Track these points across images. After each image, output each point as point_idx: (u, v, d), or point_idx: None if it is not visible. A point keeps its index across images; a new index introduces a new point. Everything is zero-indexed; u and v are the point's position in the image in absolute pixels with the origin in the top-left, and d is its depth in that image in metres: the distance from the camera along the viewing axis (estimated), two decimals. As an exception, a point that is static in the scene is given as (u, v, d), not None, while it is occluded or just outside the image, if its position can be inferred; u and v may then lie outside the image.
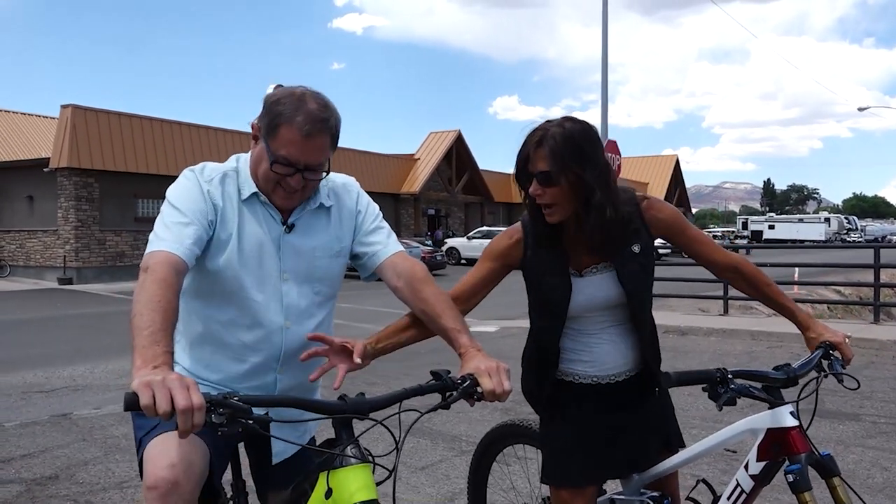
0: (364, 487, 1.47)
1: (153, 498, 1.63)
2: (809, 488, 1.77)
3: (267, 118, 1.79)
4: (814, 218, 64.61)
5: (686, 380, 1.84)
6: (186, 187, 1.84)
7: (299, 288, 1.92)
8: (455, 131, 37.55)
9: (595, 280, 2.02)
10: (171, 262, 1.64)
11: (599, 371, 2.08)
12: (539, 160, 1.89)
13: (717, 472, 4.18)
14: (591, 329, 2.07)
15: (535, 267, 2.06)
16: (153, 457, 1.67)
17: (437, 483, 4.24)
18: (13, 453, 4.86)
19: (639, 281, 2.03)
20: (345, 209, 2.02)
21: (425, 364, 8.15)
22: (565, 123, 1.90)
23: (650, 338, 2.11)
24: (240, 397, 1.39)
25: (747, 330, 10.04)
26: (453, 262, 29.55)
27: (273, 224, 1.90)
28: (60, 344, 10.04)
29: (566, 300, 2.01)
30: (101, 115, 22.45)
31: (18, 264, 23.53)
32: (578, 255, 2.02)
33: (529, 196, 1.96)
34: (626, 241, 2.00)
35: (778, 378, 1.90)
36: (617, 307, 2.05)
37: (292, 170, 1.79)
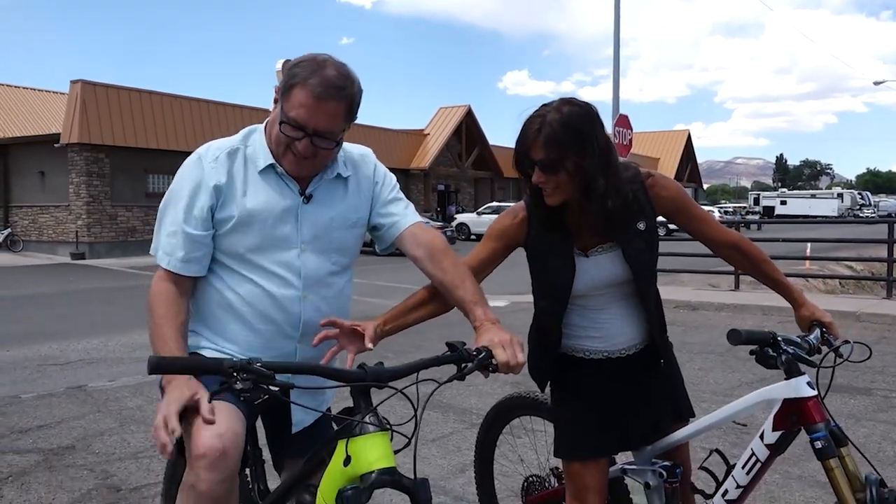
0: (383, 455, 1.48)
1: (202, 466, 1.65)
2: (835, 455, 1.81)
3: (284, 79, 1.80)
4: (826, 193, 64.06)
5: (750, 339, 1.89)
6: (187, 183, 1.88)
7: (317, 258, 1.93)
8: (465, 106, 37.34)
9: (601, 260, 2.02)
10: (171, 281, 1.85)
11: (609, 346, 2.09)
12: (538, 148, 1.86)
13: (727, 445, 4.20)
14: (598, 305, 2.08)
15: (538, 248, 2.06)
16: (198, 426, 1.69)
17: (447, 455, 4.28)
18: (30, 424, 4.94)
19: (644, 258, 2.02)
20: (362, 180, 2.02)
21: (437, 338, 8.15)
22: (563, 108, 1.86)
23: (656, 311, 2.12)
24: (262, 363, 1.41)
25: (758, 305, 10.01)
26: (463, 238, 29.56)
27: (290, 194, 1.91)
28: (74, 318, 10.14)
29: (569, 283, 2.01)
30: (111, 90, 22.44)
31: (31, 239, 23.71)
32: (583, 235, 2.02)
33: (530, 180, 1.94)
34: (631, 220, 1.98)
35: (804, 346, 1.94)
36: (623, 283, 2.05)
37: (301, 133, 1.78)
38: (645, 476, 2.14)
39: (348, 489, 1.46)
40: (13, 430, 4.81)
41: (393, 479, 1.47)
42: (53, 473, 3.99)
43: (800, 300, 2.14)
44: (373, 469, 1.46)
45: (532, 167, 1.89)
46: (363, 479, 1.47)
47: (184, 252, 1.85)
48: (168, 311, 1.81)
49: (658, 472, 2.11)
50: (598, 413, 2.10)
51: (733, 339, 1.88)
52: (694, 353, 7.03)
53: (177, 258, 1.85)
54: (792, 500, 3.60)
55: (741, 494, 1.99)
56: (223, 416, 1.71)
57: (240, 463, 1.74)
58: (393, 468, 1.48)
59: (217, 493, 1.67)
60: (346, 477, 1.50)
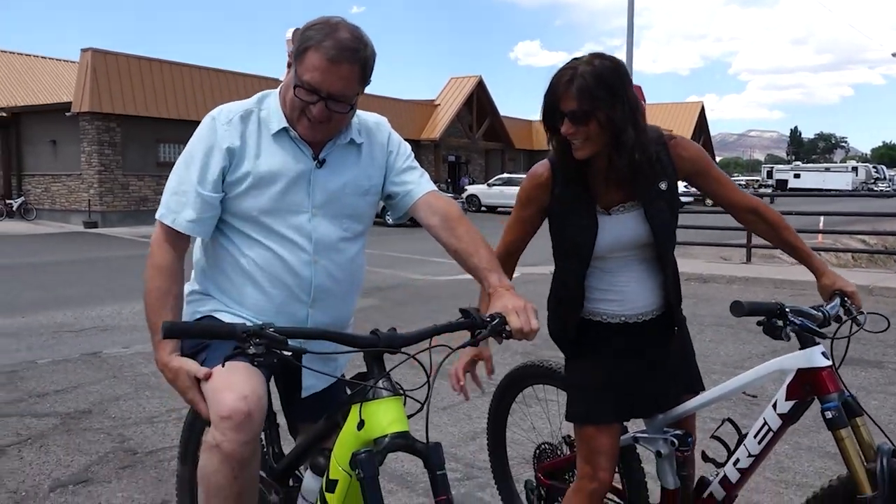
0: (396, 420, 1.50)
1: (227, 427, 1.68)
2: (846, 425, 1.81)
3: (297, 43, 1.78)
4: (841, 167, 63.39)
5: (755, 310, 1.88)
6: (199, 144, 1.89)
7: (328, 223, 1.93)
8: (476, 77, 37.01)
9: (622, 218, 2.03)
10: (174, 248, 1.88)
11: (627, 310, 2.10)
12: (569, 99, 1.88)
13: (737, 416, 4.20)
14: (617, 268, 2.08)
15: (561, 206, 2.06)
16: (222, 388, 1.71)
17: (458, 423, 4.32)
18: (47, 388, 5.02)
19: (665, 218, 2.03)
20: (376, 147, 2.02)
21: (447, 308, 8.24)
22: (594, 61, 1.89)
23: (673, 278, 2.13)
24: (276, 328, 1.42)
25: (770, 278, 9.97)
26: (473, 210, 29.49)
27: (304, 158, 1.90)
28: (88, 286, 10.23)
29: (592, 241, 2.01)
30: (122, 58, 22.37)
31: (44, 208, 23.85)
32: (606, 193, 2.03)
33: (557, 134, 1.96)
34: (654, 180, 2.00)
35: (815, 316, 1.93)
36: (643, 246, 2.06)
37: (315, 97, 1.78)
38: (656, 444, 2.16)
39: (362, 452, 1.47)
40: (31, 394, 4.89)
41: (406, 443, 1.49)
42: (71, 436, 4.07)
43: (821, 269, 2.12)
44: (386, 433, 1.48)
45: (561, 119, 1.91)
46: (376, 442, 1.49)
47: (195, 213, 1.86)
48: (164, 285, 1.86)
49: (670, 441, 2.13)
50: (612, 378, 2.11)
51: (736, 311, 1.87)
52: (705, 325, 7.03)
53: (185, 218, 1.85)
54: (801, 471, 3.62)
55: (752, 463, 2.00)
56: (246, 378, 1.73)
57: (263, 425, 1.77)
58: (406, 432, 1.50)
59: (241, 454, 1.70)
60: (360, 440, 1.52)
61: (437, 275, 10.91)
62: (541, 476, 2.63)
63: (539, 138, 43.23)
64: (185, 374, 1.78)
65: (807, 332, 1.90)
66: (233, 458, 1.70)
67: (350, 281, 2.02)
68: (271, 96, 1.95)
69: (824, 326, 1.95)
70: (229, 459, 1.70)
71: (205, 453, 1.76)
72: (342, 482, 1.57)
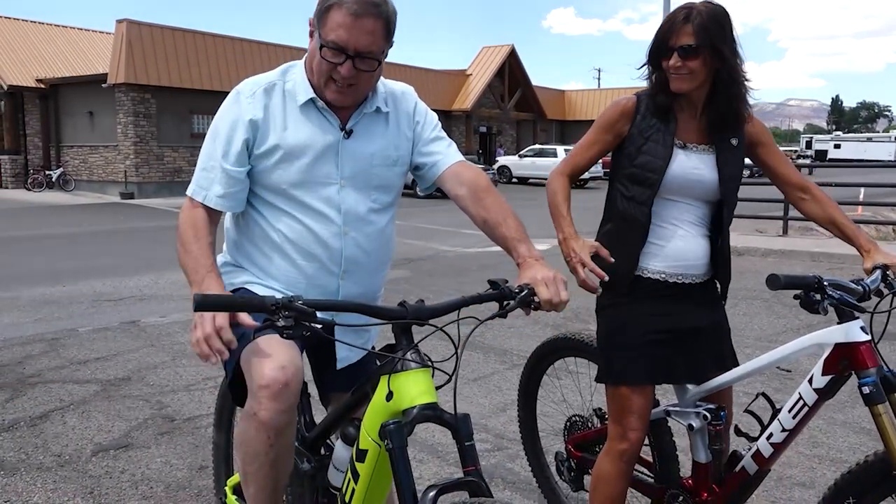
0: (425, 391, 1.51)
1: (266, 396, 1.71)
2: (884, 401, 1.80)
3: (318, 5, 1.78)
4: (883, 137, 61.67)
5: (791, 284, 1.87)
6: (225, 118, 1.90)
7: (357, 194, 1.93)
8: (508, 46, 36.54)
9: (696, 156, 2.10)
10: (200, 217, 1.87)
11: (667, 265, 2.10)
12: (684, 34, 1.99)
13: (770, 391, 4.18)
14: (669, 216, 2.11)
15: (641, 132, 2.11)
16: (259, 359, 1.74)
17: (489, 394, 4.35)
18: (88, 356, 5.16)
19: (732, 169, 2.11)
20: (402, 116, 2.01)
21: (476, 281, 8.25)
22: (708, 4, 2.02)
23: (723, 248, 2.15)
24: (304, 301, 1.43)
25: (807, 251, 9.80)
26: (504, 181, 29.34)
27: (331, 129, 1.90)
28: (126, 256, 10.44)
29: (665, 166, 2.06)
30: (156, 30, 22.51)
31: (82, 179, 24.27)
32: (686, 130, 2.12)
33: (658, 70, 2.07)
34: (730, 130, 2.11)
35: (855, 290, 1.91)
36: (703, 200, 2.11)
37: (342, 56, 1.76)
38: (689, 418, 2.15)
39: (391, 423, 1.49)
40: (73, 361, 5.03)
41: (434, 414, 1.50)
42: (111, 403, 4.18)
43: (866, 247, 2.11)
44: (415, 404, 1.49)
45: (669, 54, 2.01)
46: (405, 413, 1.50)
47: (222, 188, 1.87)
48: (198, 233, 1.85)
49: (702, 415, 2.12)
50: (648, 339, 2.11)
51: (772, 284, 1.85)
52: (739, 298, 6.95)
53: (214, 193, 1.87)
54: (835, 446, 3.58)
55: (786, 438, 1.99)
56: (284, 348, 1.75)
57: (299, 395, 1.80)
58: (434, 403, 1.50)
59: (278, 423, 1.73)
60: (389, 411, 1.53)
61: (467, 246, 10.91)
62: (571, 448, 2.65)
63: (572, 108, 42.73)
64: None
65: (845, 305, 1.87)
66: (269, 426, 1.73)
67: (380, 252, 2.02)
68: (296, 67, 1.94)
69: (864, 300, 1.92)
70: (266, 427, 1.73)
71: (243, 421, 1.79)
72: (372, 452, 1.60)
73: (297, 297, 1.44)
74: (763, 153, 2.21)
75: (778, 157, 2.23)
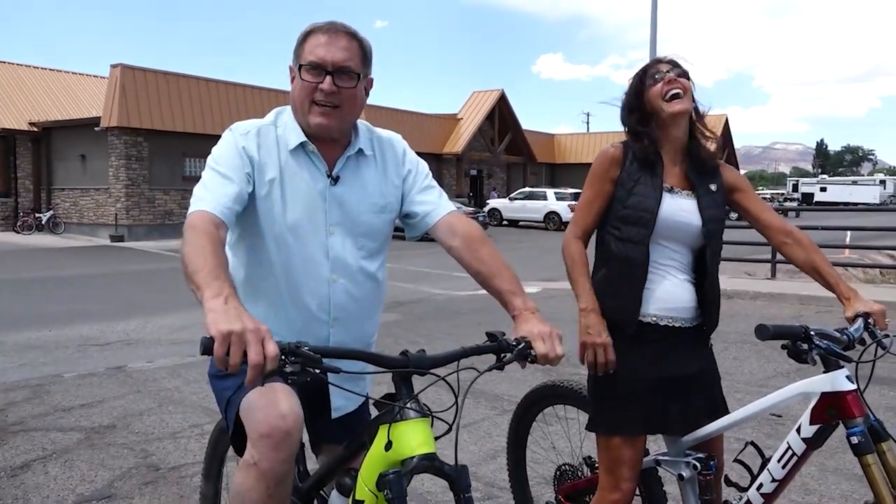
0: (424, 441, 1.50)
1: (266, 446, 1.69)
2: (873, 451, 1.79)
3: (296, 44, 1.88)
4: (868, 180, 62.50)
5: (779, 334, 1.88)
6: (223, 147, 1.89)
7: (344, 241, 1.93)
8: (498, 91, 37.08)
9: (681, 200, 2.15)
10: (209, 219, 1.69)
11: (658, 308, 2.11)
12: (666, 65, 2.16)
13: (761, 437, 4.16)
14: (656, 261, 2.13)
15: (630, 176, 2.16)
16: (262, 407, 1.72)
17: (479, 441, 4.30)
18: (73, 403, 5.08)
19: (714, 213, 2.15)
20: (390, 163, 2.02)
21: (467, 324, 8.23)
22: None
23: (712, 295, 2.16)
24: (311, 347, 1.42)
25: (795, 294, 9.84)
26: (495, 224, 29.47)
27: (319, 176, 1.91)
28: (114, 299, 10.36)
29: (656, 206, 2.10)
30: (150, 74, 22.75)
31: (73, 221, 24.23)
32: (670, 175, 2.17)
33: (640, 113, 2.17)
34: (707, 176, 2.19)
35: (840, 339, 1.91)
36: (686, 245, 2.14)
37: (321, 73, 1.82)
38: (678, 468, 2.14)
39: (389, 473, 1.48)
40: (56, 408, 4.95)
41: (433, 465, 1.49)
42: (95, 451, 4.11)
43: (846, 294, 2.11)
44: (414, 454, 1.49)
45: (662, 77, 2.13)
46: (404, 464, 1.49)
47: (228, 200, 1.78)
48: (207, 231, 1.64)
49: (692, 465, 2.10)
50: (640, 388, 2.10)
51: (761, 335, 1.86)
52: (729, 342, 6.95)
53: (221, 202, 1.76)
54: (827, 493, 3.55)
55: (776, 488, 1.98)
56: (285, 396, 1.74)
57: (300, 444, 1.77)
58: (433, 454, 1.50)
59: (278, 473, 1.71)
60: (388, 461, 1.53)
61: (457, 289, 10.90)
62: (561, 498, 2.61)
63: (561, 151, 43.21)
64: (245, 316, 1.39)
65: (832, 355, 1.88)
66: (269, 476, 1.71)
67: (370, 299, 2.01)
68: (285, 112, 1.97)
69: (849, 349, 1.93)
70: (266, 477, 1.71)
71: (241, 471, 1.77)
72: (368, 502, 1.58)
73: (303, 343, 1.43)
74: (742, 199, 2.26)
75: (757, 203, 2.27)
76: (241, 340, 1.30)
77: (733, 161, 57.21)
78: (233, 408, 1.84)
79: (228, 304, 1.37)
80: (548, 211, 28.55)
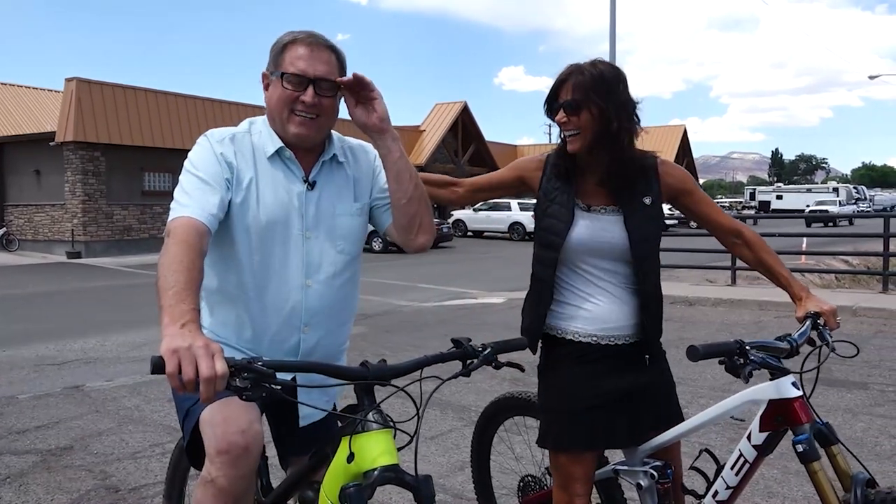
0: (386, 452, 1.49)
1: (224, 462, 1.66)
2: (818, 458, 1.79)
3: (273, 52, 1.88)
4: (822, 188, 64.10)
5: (710, 353, 1.84)
6: (200, 153, 1.87)
7: (321, 246, 1.94)
8: (461, 103, 37.28)
9: (601, 218, 2.07)
10: (193, 226, 1.67)
11: (597, 328, 2.08)
12: (566, 91, 2.02)
13: (724, 441, 4.21)
14: (591, 278, 2.09)
15: (546, 194, 2.14)
16: (220, 422, 1.69)
17: (446, 452, 4.28)
18: (28, 425, 4.93)
19: (646, 233, 2.06)
20: (361, 169, 2.05)
21: (434, 336, 8.21)
22: (597, 63, 2.04)
23: (654, 307, 2.12)
24: (264, 362, 1.39)
25: (755, 300, 10.03)
26: (460, 234, 29.54)
27: (295, 181, 1.92)
28: (71, 317, 10.12)
29: (565, 231, 2.06)
30: (106, 88, 22.35)
31: (27, 238, 23.63)
32: (591, 193, 2.10)
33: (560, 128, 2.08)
34: (639, 190, 2.07)
35: (781, 348, 1.90)
36: (619, 260, 2.07)
37: (304, 83, 1.84)
38: (636, 477, 2.13)
39: (350, 486, 1.46)
40: (11, 430, 4.80)
41: (396, 476, 1.48)
42: (52, 474, 3.99)
43: (798, 294, 2.11)
44: (376, 466, 1.47)
45: (558, 110, 2.04)
46: (366, 475, 1.47)
47: (213, 207, 1.75)
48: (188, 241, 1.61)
49: (650, 473, 2.10)
50: (585, 403, 2.07)
51: (692, 356, 1.83)
52: (691, 348, 7.03)
53: (208, 212, 1.74)
54: (790, 496, 3.61)
55: (731, 495, 1.99)
56: (243, 411, 1.71)
57: (259, 459, 1.75)
58: (396, 465, 1.48)
59: (237, 490, 1.69)
60: (350, 474, 1.51)
61: (423, 301, 10.88)
62: (526, 508, 2.60)
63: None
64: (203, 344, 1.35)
65: (767, 368, 1.87)
66: (228, 493, 1.68)
67: (343, 304, 2.02)
68: (258, 122, 1.97)
69: (793, 356, 1.92)
70: (224, 494, 1.68)
71: (199, 487, 1.74)
72: None
73: (256, 358, 1.40)
74: (689, 202, 2.16)
75: (705, 204, 2.18)
76: (190, 355, 1.29)
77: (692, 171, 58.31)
78: (191, 419, 1.81)
79: (184, 328, 1.35)
80: (512, 221, 28.71)
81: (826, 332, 2.00)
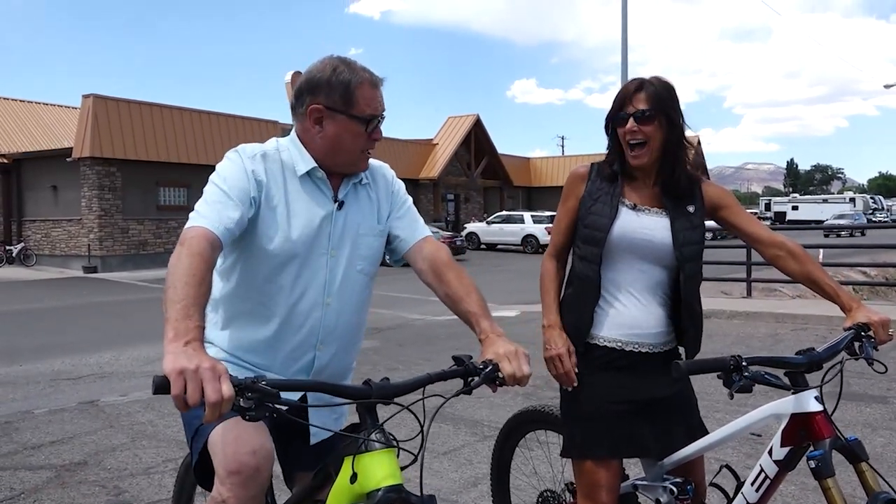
0: (390, 473, 1.47)
1: (235, 483, 1.65)
2: (832, 474, 1.74)
3: (337, 92, 1.85)
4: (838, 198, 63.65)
5: (697, 369, 1.81)
6: (230, 167, 1.86)
7: (343, 265, 1.95)
8: (473, 116, 37.35)
9: (646, 217, 2.10)
10: (207, 237, 1.66)
11: (622, 334, 2.08)
12: (639, 101, 2.06)
13: (741, 457, 4.15)
14: (624, 283, 2.10)
15: (590, 194, 2.15)
16: (230, 442, 1.68)
17: (460, 468, 4.25)
18: (43, 440, 4.95)
19: (688, 235, 2.09)
20: (381, 190, 2.07)
21: (445, 349, 8.17)
22: (660, 78, 2.11)
23: (688, 320, 2.12)
24: (267, 381, 1.38)
25: (771, 313, 9.93)
26: (473, 247, 29.50)
27: (325, 201, 1.93)
28: (86, 332, 10.18)
29: (609, 224, 2.07)
30: (122, 104, 22.61)
31: (44, 253, 23.86)
32: (638, 194, 2.13)
33: (615, 138, 2.12)
34: (684, 199, 2.12)
35: (800, 363, 1.86)
36: (657, 266, 2.08)
37: (375, 123, 1.90)
38: (656, 492, 2.11)
39: None
40: (26, 445, 4.82)
41: (400, 497, 1.45)
42: (66, 490, 3.99)
43: (848, 305, 2.04)
44: (379, 487, 1.45)
45: (626, 119, 2.06)
46: (369, 496, 1.45)
47: (229, 219, 1.74)
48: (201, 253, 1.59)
49: (669, 489, 2.08)
50: (611, 411, 2.07)
51: (676, 372, 1.80)
52: (707, 361, 6.96)
53: (225, 226, 1.73)
54: (809, 513, 3.54)
55: None
56: (254, 432, 1.71)
57: (270, 480, 1.74)
58: (400, 485, 1.46)
59: None
60: (353, 494, 1.49)
61: (435, 314, 10.86)
62: (543, 525, 2.58)
63: (537, 175, 43.52)
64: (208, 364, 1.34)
65: (760, 383, 1.80)
66: None
67: (357, 323, 2.03)
68: (287, 140, 1.97)
69: (813, 370, 1.87)
70: None
71: None
72: None
73: (260, 377, 1.39)
74: (727, 215, 2.19)
75: (744, 217, 2.19)
76: (197, 378, 1.28)
77: (706, 181, 57.92)
78: (200, 438, 1.80)
79: (188, 346, 1.35)
80: (525, 234, 28.65)
81: (868, 346, 1.92)
